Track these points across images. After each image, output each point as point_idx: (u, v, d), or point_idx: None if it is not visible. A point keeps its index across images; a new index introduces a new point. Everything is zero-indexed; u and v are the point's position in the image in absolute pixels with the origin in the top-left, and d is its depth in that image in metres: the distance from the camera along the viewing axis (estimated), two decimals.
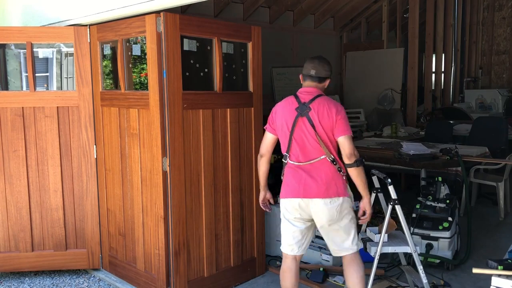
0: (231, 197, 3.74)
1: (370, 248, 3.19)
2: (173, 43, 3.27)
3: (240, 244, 3.85)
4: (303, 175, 2.87)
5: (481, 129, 6.38)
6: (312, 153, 2.87)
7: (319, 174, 2.86)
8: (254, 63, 3.84)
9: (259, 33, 3.86)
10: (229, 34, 3.66)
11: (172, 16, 3.25)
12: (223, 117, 3.66)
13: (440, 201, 4.01)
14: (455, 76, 9.49)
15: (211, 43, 3.59)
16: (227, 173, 3.71)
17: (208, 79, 3.68)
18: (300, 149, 2.88)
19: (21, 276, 4.15)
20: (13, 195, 3.96)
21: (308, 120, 2.86)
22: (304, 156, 2.88)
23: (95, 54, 3.88)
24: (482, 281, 3.62)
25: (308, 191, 2.85)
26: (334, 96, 8.39)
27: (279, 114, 2.97)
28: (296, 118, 2.88)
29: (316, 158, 2.86)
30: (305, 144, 2.87)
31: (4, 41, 4.02)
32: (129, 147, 3.69)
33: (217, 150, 3.62)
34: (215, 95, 3.61)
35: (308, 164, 2.87)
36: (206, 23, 3.53)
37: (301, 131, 2.88)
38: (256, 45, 3.84)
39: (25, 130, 3.92)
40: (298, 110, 2.88)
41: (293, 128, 2.88)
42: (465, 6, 9.57)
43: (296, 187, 2.88)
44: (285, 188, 2.96)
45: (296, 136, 2.88)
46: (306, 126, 2.86)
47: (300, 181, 2.87)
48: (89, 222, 4.05)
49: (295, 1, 7.58)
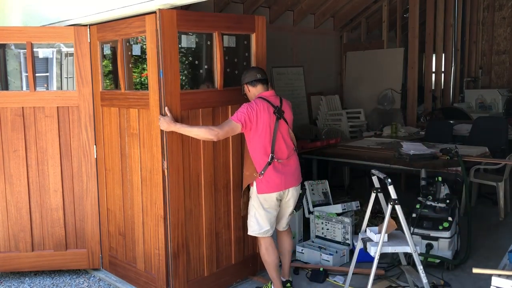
0: (232, 195, 3.73)
1: (370, 248, 3.18)
2: (170, 40, 3.21)
3: (241, 241, 3.84)
4: (284, 169, 3.36)
5: (481, 129, 6.38)
6: (289, 150, 3.41)
7: (293, 165, 3.44)
8: (258, 55, 3.76)
9: (264, 23, 3.77)
10: (230, 27, 3.59)
11: (169, 12, 3.18)
12: (225, 115, 3.61)
13: (440, 201, 4.01)
14: (455, 76, 9.49)
15: (211, 38, 3.50)
16: (228, 171, 3.69)
17: (208, 76, 3.62)
18: (282, 148, 3.36)
19: (21, 276, 4.15)
20: (13, 195, 3.96)
21: (284, 122, 3.37)
22: (285, 153, 3.38)
23: (95, 54, 3.88)
24: (482, 281, 3.62)
25: (289, 182, 3.39)
26: (334, 96, 8.41)
27: (260, 117, 3.26)
28: (277, 121, 3.32)
29: (292, 153, 3.43)
30: (285, 143, 3.38)
31: (4, 41, 4.02)
32: (129, 147, 3.68)
33: (217, 149, 3.60)
34: (216, 93, 3.57)
35: (287, 160, 3.38)
36: (205, 17, 3.46)
37: (281, 132, 3.35)
38: (261, 35, 3.75)
39: (25, 130, 3.92)
40: (276, 114, 3.32)
41: (275, 131, 3.31)
42: (465, 6, 9.57)
43: (278, 182, 3.34)
44: (269, 183, 3.33)
45: (278, 137, 3.34)
46: (284, 127, 3.37)
47: (282, 176, 3.35)
48: (89, 222, 4.06)
49: (295, 1, 7.58)
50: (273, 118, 3.30)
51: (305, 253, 4.27)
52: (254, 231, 3.44)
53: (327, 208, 4.47)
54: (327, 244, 4.40)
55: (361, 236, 3.31)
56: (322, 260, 4.13)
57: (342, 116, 7.88)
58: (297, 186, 3.48)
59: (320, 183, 4.71)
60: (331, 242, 4.40)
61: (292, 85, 8.00)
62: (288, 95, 7.82)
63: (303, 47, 8.25)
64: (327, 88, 8.82)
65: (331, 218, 4.40)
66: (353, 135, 7.64)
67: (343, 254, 4.23)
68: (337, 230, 4.37)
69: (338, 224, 4.35)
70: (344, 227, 4.32)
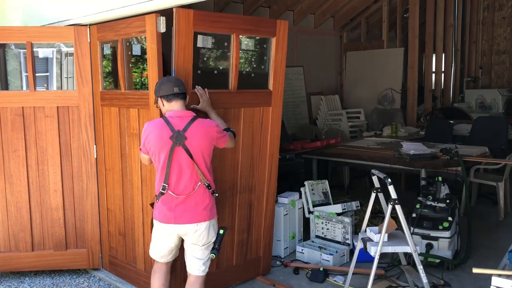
0: (238, 198, 3.70)
1: (370, 248, 3.18)
2: (186, 40, 3.15)
3: (244, 244, 3.82)
4: (178, 205, 2.86)
5: (481, 129, 6.39)
6: (192, 184, 2.85)
7: (192, 203, 2.87)
8: (277, 60, 3.67)
9: (286, 28, 3.63)
10: (248, 30, 3.51)
11: (185, 11, 3.11)
12: (236, 117, 3.55)
13: (440, 201, 4.01)
14: (455, 76, 9.49)
15: (229, 39, 3.42)
16: (236, 174, 3.64)
17: (223, 77, 3.52)
18: (179, 182, 2.84)
19: (21, 276, 4.15)
20: (13, 195, 3.96)
21: (185, 150, 2.80)
22: (183, 189, 2.85)
23: (95, 53, 3.87)
24: (482, 281, 3.62)
25: (182, 217, 2.87)
26: (334, 96, 8.42)
27: (151, 141, 2.86)
28: (172, 149, 2.80)
29: (194, 189, 2.85)
30: (185, 176, 2.84)
31: (5, 40, 4.02)
32: (129, 147, 3.68)
33: (225, 151, 3.49)
34: (228, 94, 3.49)
35: (187, 196, 2.85)
36: (223, 18, 3.42)
37: (178, 162, 2.82)
38: (282, 41, 3.64)
39: (25, 130, 3.91)
40: (173, 139, 2.79)
41: (169, 159, 2.81)
42: (465, 6, 9.56)
43: (168, 215, 2.88)
44: (159, 211, 2.93)
45: (174, 167, 2.83)
46: (183, 157, 2.82)
47: (175, 209, 2.87)
48: (89, 222, 4.05)
49: (295, 1, 7.59)
50: (168, 144, 2.80)
51: (305, 253, 4.27)
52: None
53: (327, 208, 4.47)
54: (327, 244, 4.40)
55: (361, 236, 3.32)
56: (322, 260, 4.13)
57: (342, 116, 7.88)
58: (195, 224, 2.87)
59: (320, 183, 4.71)
60: (331, 242, 4.40)
61: (292, 85, 8.00)
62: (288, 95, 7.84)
63: (303, 47, 8.25)
64: (327, 88, 8.82)
65: (331, 218, 4.40)
66: (353, 135, 7.65)
67: (343, 254, 4.23)
68: (337, 230, 4.37)
69: (338, 224, 4.35)
70: (344, 227, 4.32)
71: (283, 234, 4.38)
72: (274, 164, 3.90)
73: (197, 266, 2.98)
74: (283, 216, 4.35)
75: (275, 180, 3.95)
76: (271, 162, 3.87)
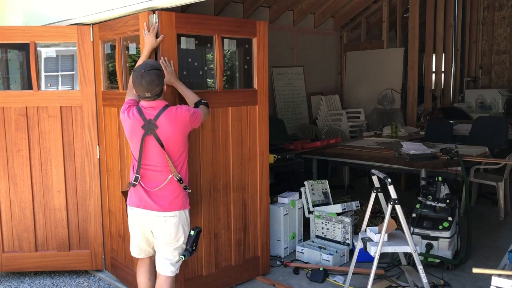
0: (232, 196, 3.73)
1: (370, 248, 3.20)
2: (168, 42, 3.20)
3: (242, 243, 3.85)
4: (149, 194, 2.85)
5: (481, 129, 6.41)
6: (162, 176, 2.84)
7: (165, 193, 2.85)
8: (259, 60, 3.77)
9: (265, 28, 3.77)
10: (231, 31, 3.60)
11: (167, 14, 3.17)
12: (224, 116, 3.62)
13: (440, 201, 4.02)
14: (455, 76, 9.51)
15: (212, 41, 3.51)
16: (228, 172, 3.68)
17: (208, 78, 3.63)
18: (149, 174, 2.85)
19: (21, 276, 4.17)
20: (16, 195, 3.98)
21: (156, 139, 2.79)
22: (153, 182, 2.85)
23: (97, 53, 3.87)
24: (482, 281, 3.64)
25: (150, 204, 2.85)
26: (334, 96, 8.43)
27: (126, 130, 2.89)
28: (143, 137, 2.80)
29: (164, 181, 2.84)
30: (155, 168, 2.84)
31: (8, 40, 4.01)
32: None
33: (217, 150, 3.59)
34: (215, 94, 3.56)
35: (158, 190, 2.84)
36: (206, 20, 3.47)
37: (148, 151, 2.82)
38: (262, 40, 3.76)
39: (28, 130, 3.92)
40: (144, 129, 2.79)
41: (141, 149, 2.81)
42: (465, 6, 9.58)
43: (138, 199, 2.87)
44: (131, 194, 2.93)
45: (145, 158, 2.83)
46: (154, 146, 2.80)
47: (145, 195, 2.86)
48: (92, 223, 4.05)
49: (295, 1, 7.60)
50: (140, 133, 2.80)
51: (305, 253, 4.29)
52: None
53: (327, 208, 4.48)
54: (327, 244, 4.42)
55: (361, 236, 3.33)
56: (322, 260, 4.15)
57: (342, 116, 7.90)
58: (163, 212, 2.83)
59: (320, 183, 4.73)
60: (331, 242, 4.42)
61: (292, 85, 8.02)
62: (288, 95, 7.86)
63: (303, 47, 8.27)
64: (327, 88, 8.84)
65: (331, 218, 4.42)
66: (353, 135, 7.66)
67: (343, 254, 4.25)
68: (337, 230, 4.39)
69: (338, 224, 4.37)
70: (344, 227, 4.34)
71: (283, 234, 4.39)
72: (265, 162, 3.93)
73: (166, 267, 2.94)
74: (283, 216, 4.36)
75: (267, 178, 3.98)
76: (262, 160, 3.89)
